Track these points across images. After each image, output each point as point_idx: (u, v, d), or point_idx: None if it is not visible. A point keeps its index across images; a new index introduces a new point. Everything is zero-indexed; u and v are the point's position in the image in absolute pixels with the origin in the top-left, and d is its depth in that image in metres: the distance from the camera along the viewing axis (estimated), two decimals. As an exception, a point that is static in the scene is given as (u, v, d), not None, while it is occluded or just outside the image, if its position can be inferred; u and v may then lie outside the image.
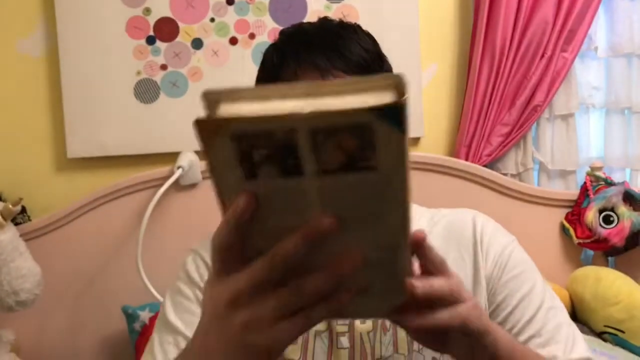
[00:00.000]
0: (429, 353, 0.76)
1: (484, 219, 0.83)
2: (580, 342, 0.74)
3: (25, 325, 1.61)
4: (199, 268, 0.80)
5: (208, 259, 0.80)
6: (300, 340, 0.76)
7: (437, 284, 0.51)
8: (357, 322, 0.76)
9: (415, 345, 0.75)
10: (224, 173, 0.42)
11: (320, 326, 0.76)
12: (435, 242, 0.81)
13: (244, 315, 0.45)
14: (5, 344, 1.51)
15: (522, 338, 0.72)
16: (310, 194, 0.41)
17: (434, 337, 0.55)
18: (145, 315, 1.55)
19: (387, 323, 0.76)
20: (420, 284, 0.50)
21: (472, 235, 0.80)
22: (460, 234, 0.80)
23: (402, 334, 0.76)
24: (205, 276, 0.78)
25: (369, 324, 0.76)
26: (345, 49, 0.72)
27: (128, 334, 1.58)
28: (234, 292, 0.45)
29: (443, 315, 0.52)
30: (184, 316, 0.76)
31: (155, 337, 0.77)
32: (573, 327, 0.76)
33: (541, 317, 0.74)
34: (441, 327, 0.52)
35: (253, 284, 0.45)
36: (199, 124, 0.40)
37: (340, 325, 0.76)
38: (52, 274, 1.56)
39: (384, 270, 0.47)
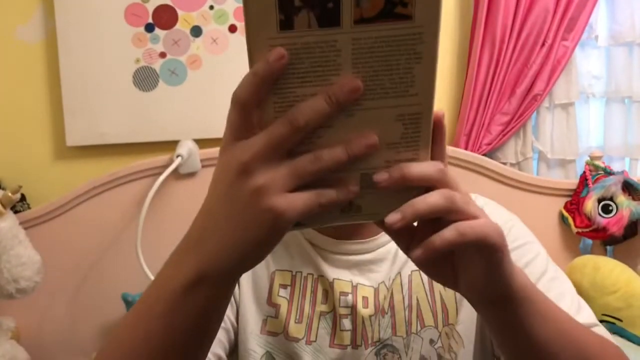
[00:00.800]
0: (427, 335, 0.76)
1: (485, 200, 0.83)
2: (585, 310, 0.73)
3: (26, 313, 1.62)
4: None
5: None
6: (304, 320, 0.77)
7: (430, 199, 0.45)
8: (360, 306, 0.76)
9: (414, 327, 0.76)
10: (260, 22, 0.41)
11: (325, 307, 0.77)
12: None
13: (258, 178, 0.43)
14: (6, 332, 1.52)
15: None
16: (343, 51, 0.42)
17: (442, 267, 0.51)
18: (145, 303, 1.56)
19: (386, 306, 0.76)
20: (399, 216, 0.45)
21: None
22: None
23: (400, 316, 0.76)
24: None
25: (371, 308, 0.76)
26: None
27: (128, 321, 1.58)
28: (249, 155, 0.43)
29: (449, 234, 0.46)
30: None
31: None
32: (578, 297, 0.75)
33: (543, 286, 0.73)
34: (449, 247, 0.46)
35: (270, 145, 0.43)
36: None
37: (343, 308, 0.76)
38: (51, 262, 1.56)
39: (405, 152, 0.46)
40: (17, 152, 1.70)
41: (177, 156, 1.64)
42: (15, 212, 1.54)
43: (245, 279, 0.78)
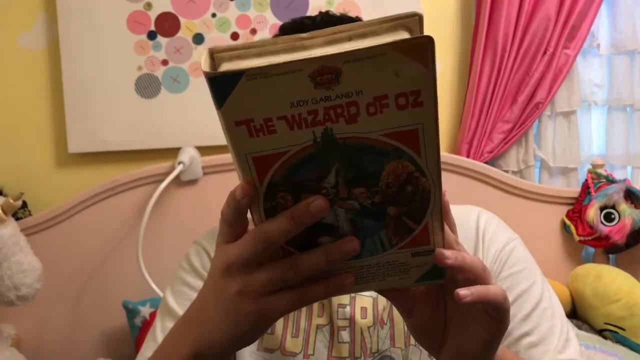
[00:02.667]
0: None
1: (488, 216, 0.83)
2: (572, 344, 0.74)
3: (26, 320, 1.61)
4: (202, 258, 0.80)
5: (210, 250, 0.80)
6: (301, 334, 0.76)
7: (469, 257, 0.48)
8: (358, 317, 0.76)
9: (412, 339, 0.75)
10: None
11: (322, 320, 0.77)
12: None
13: (237, 283, 0.46)
14: (6, 339, 1.51)
15: (515, 335, 0.73)
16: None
17: (433, 332, 0.53)
18: (145, 311, 1.55)
19: (385, 317, 0.76)
20: (452, 255, 0.47)
21: (474, 230, 0.80)
22: (463, 228, 0.80)
23: (399, 327, 0.76)
24: (208, 266, 0.79)
25: (369, 319, 0.76)
26: None
27: (129, 329, 1.58)
28: (227, 261, 0.46)
29: (495, 290, 0.47)
30: (186, 304, 0.76)
31: (157, 325, 0.78)
32: (568, 328, 0.75)
33: (536, 316, 0.74)
34: (490, 302, 0.47)
35: (242, 257, 0.45)
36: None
37: (341, 320, 0.76)
38: (52, 269, 1.56)
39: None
40: (19, 159, 1.71)
41: (179, 163, 1.64)
42: (17, 218, 1.54)
43: None
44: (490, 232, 0.80)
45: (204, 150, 1.70)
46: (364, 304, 0.77)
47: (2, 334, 1.51)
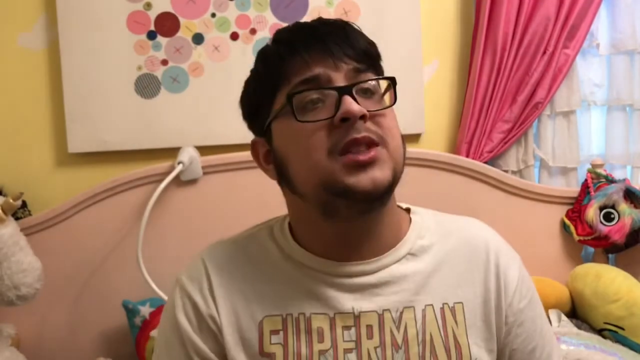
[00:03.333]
0: None
1: (496, 241, 0.83)
2: None
3: (26, 320, 1.61)
4: (187, 310, 0.77)
5: (194, 294, 0.77)
6: None
7: None
8: (364, 338, 0.74)
9: None
10: None
11: (323, 345, 0.74)
12: (444, 253, 0.80)
13: None
14: (6, 338, 1.51)
15: None
16: None
17: None
18: (145, 310, 1.55)
19: (399, 340, 0.74)
20: None
21: (484, 256, 0.80)
22: (472, 252, 0.80)
23: (413, 351, 0.74)
24: (193, 318, 0.76)
25: (375, 339, 0.74)
26: (353, 39, 0.74)
27: (129, 328, 1.58)
28: None
29: None
30: None
31: None
32: (558, 353, 0.83)
33: (540, 346, 0.80)
34: None
35: None
36: None
37: (347, 342, 0.74)
38: (52, 269, 1.56)
39: None
40: (19, 159, 1.71)
41: (179, 163, 1.64)
42: (17, 218, 1.54)
43: (231, 336, 0.75)
44: (504, 259, 0.80)
45: (203, 150, 1.70)
46: (369, 322, 0.74)
47: (2, 333, 1.51)
